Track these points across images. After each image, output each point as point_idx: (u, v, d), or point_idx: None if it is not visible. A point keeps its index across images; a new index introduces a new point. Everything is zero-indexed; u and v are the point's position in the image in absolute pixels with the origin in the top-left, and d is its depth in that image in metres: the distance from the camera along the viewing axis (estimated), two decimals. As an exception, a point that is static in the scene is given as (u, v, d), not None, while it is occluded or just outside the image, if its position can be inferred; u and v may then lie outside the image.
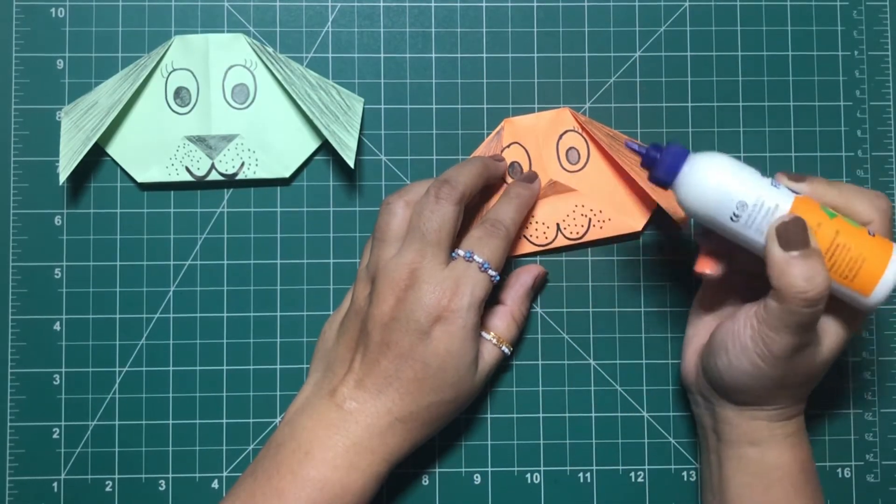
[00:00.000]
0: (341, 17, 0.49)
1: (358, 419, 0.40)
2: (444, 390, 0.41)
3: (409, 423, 0.41)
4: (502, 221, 0.43)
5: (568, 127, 0.48)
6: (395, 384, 0.40)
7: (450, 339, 0.40)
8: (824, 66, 0.49)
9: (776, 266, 0.37)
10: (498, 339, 0.44)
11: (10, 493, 0.47)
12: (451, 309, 0.40)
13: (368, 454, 0.40)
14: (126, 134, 0.47)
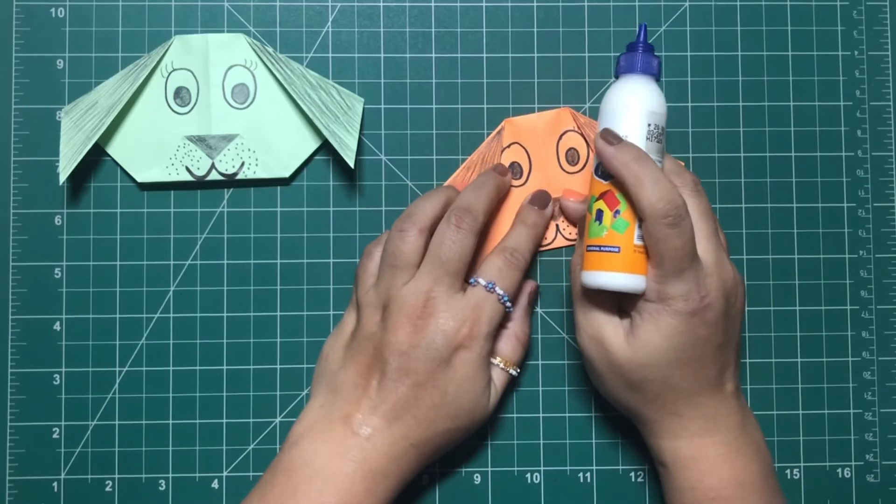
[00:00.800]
0: (341, 17, 0.49)
1: (375, 445, 0.40)
2: (460, 417, 0.42)
3: (424, 448, 0.41)
4: (521, 253, 0.44)
5: (568, 127, 0.48)
6: (412, 411, 0.41)
7: (469, 367, 0.41)
8: (824, 66, 0.49)
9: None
10: (505, 363, 0.45)
11: (10, 493, 0.47)
12: (472, 336, 0.41)
13: (384, 480, 0.40)
14: (126, 134, 0.47)
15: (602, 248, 0.40)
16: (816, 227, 0.49)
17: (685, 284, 0.39)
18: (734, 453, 0.41)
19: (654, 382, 0.40)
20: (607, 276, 0.40)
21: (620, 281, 0.40)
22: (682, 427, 0.41)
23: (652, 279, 0.40)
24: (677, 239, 0.38)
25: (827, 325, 0.48)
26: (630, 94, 0.41)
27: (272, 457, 0.47)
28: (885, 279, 0.49)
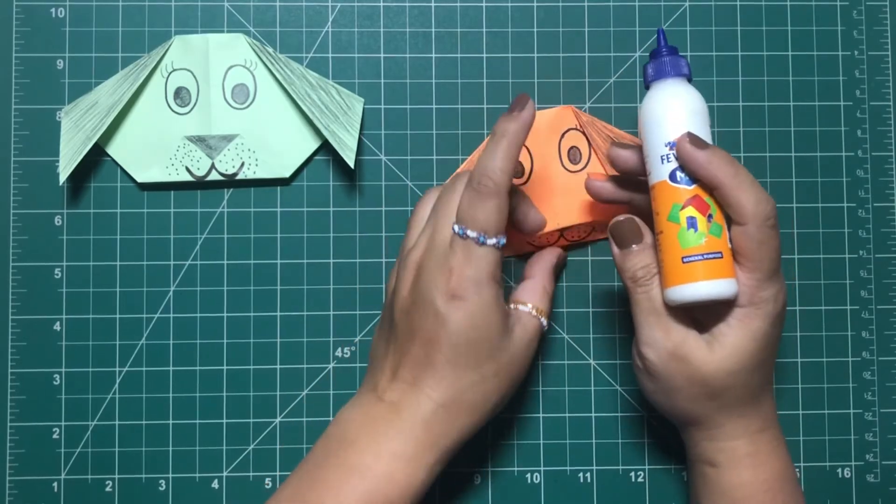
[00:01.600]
0: (341, 17, 0.49)
1: (400, 410, 0.39)
2: (481, 365, 0.39)
3: (453, 408, 0.39)
4: (491, 174, 0.38)
5: (570, 125, 0.48)
6: (428, 370, 0.39)
7: (470, 316, 0.39)
8: (824, 66, 0.49)
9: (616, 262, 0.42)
10: (537, 311, 0.42)
11: (10, 493, 0.47)
12: (461, 285, 0.38)
13: (412, 443, 0.39)
14: (126, 134, 0.47)
15: (706, 256, 0.38)
16: (816, 227, 0.49)
17: (775, 286, 0.39)
18: (780, 446, 0.42)
19: (735, 388, 0.40)
20: (716, 285, 0.38)
21: (727, 288, 0.38)
22: (744, 427, 0.41)
23: (747, 284, 0.39)
24: (776, 240, 0.38)
25: (827, 325, 0.48)
26: (672, 97, 0.40)
27: (272, 457, 0.47)
28: (885, 279, 0.49)
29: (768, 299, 0.38)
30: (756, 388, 0.40)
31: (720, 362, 0.39)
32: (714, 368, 0.39)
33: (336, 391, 0.47)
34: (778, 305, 0.39)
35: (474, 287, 0.38)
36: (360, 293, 0.48)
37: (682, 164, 0.39)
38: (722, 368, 0.39)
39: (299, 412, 0.47)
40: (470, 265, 0.38)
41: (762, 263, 0.38)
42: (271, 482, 0.47)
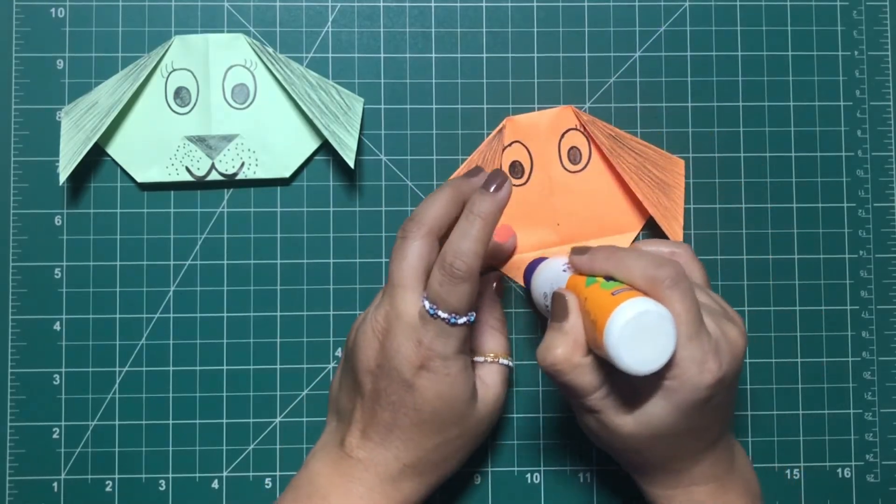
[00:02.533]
0: (341, 17, 0.49)
1: (368, 467, 0.40)
2: (446, 429, 0.40)
3: (419, 467, 0.40)
4: (464, 258, 0.38)
5: (570, 125, 0.48)
6: (395, 432, 0.40)
7: (437, 387, 0.39)
8: (824, 66, 0.49)
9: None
10: (493, 356, 0.43)
11: (10, 493, 0.47)
12: (429, 358, 0.39)
13: (383, 500, 0.40)
14: (126, 134, 0.47)
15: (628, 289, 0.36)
16: (816, 228, 0.49)
17: (697, 351, 0.35)
18: (724, 491, 0.40)
19: (658, 450, 0.39)
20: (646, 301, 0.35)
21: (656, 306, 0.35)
22: (678, 480, 0.40)
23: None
24: (680, 303, 0.35)
25: (827, 325, 0.48)
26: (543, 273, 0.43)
27: (272, 457, 0.47)
28: (885, 279, 0.49)
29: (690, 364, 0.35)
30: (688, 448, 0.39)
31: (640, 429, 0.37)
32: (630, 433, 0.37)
33: (336, 391, 0.47)
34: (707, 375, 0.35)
35: (442, 361, 0.39)
36: (360, 293, 0.48)
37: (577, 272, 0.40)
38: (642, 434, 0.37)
39: (299, 412, 0.47)
40: (439, 342, 0.38)
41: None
42: (271, 482, 0.47)
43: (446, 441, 0.40)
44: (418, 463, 0.40)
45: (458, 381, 0.39)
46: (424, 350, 0.38)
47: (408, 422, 0.39)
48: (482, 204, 0.38)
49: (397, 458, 0.40)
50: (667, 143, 0.48)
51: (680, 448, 0.39)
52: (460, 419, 0.40)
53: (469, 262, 0.38)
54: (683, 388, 0.36)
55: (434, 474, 0.41)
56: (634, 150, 0.47)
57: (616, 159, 0.47)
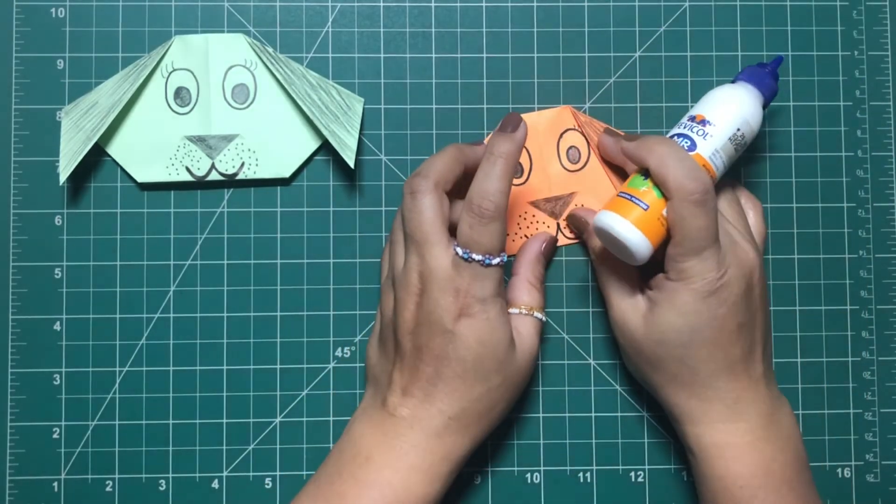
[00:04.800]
0: (341, 17, 0.49)
1: (412, 424, 0.40)
2: (488, 377, 0.41)
3: (463, 419, 0.41)
4: (490, 197, 0.39)
5: (569, 126, 0.48)
6: (439, 385, 0.40)
7: (478, 332, 0.40)
8: (824, 66, 0.49)
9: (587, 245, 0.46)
10: (528, 309, 0.44)
11: (10, 492, 0.47)
12: (468, 304, 0.40)
13: (428, 455, 0.40)
14: (126, 134, 0.47)
15: (633, 199, 0.41)
16: (816, 228, 0.49)
17: (704, 263, 0.39)
18: (762, 441, 0.40)
19: (669, 361, 0.41)
20: (623, 223, 0.40)
21: (631, 235, 0.40)
22: (702, 412, 0.41)
23: (672, 255, 0.40)
24: (701, 218, 0.39)
25: (827, 325, 0.48)
26: (740, 97, 0.43)
27: (272, 457, 0.47)
28: (885, 279, 0.49)
29: (694, 275, 0.40)
30: (701, 368, 0.40)
31: (648, 330, 0.41)
32: (642, 334, 0.41)
33: (336, 391, 0.47)
34: (708, 283, 0.39)
35: (481, 305, 0.40)
36: (360, 293, 0.48)
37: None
38: (649, 336, 0.41)
39: (299, 412, 0.47)
40: (476, 285, 0.40)
41: (685, 238, 0.39)
42: (271, 482, 0.47)
43: (489, 389, 0.41)
44: (462, 414, 0.40)
45: (497, 324, 0.40)
46: (462, 296, 0.40)
47: (451, 373, 0.40)
48: (502, 144, 0.40)
49: (441, 412, 0.40)
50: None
51: (691, 364, 0.41)
52: (501, 365, 0.41)
53: (496, 201, 0.39)
54: (685, 292, 0.40)
55: (478, 426, 0.41)
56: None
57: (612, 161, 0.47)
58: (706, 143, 0.42)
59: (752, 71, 0.44)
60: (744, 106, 0.43)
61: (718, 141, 0.42)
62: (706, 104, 0.43)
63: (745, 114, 0.43)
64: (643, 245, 0.40)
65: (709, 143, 0.42)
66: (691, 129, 0.42)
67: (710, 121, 0.42)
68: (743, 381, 0.41)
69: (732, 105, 0.43)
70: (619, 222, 0.40)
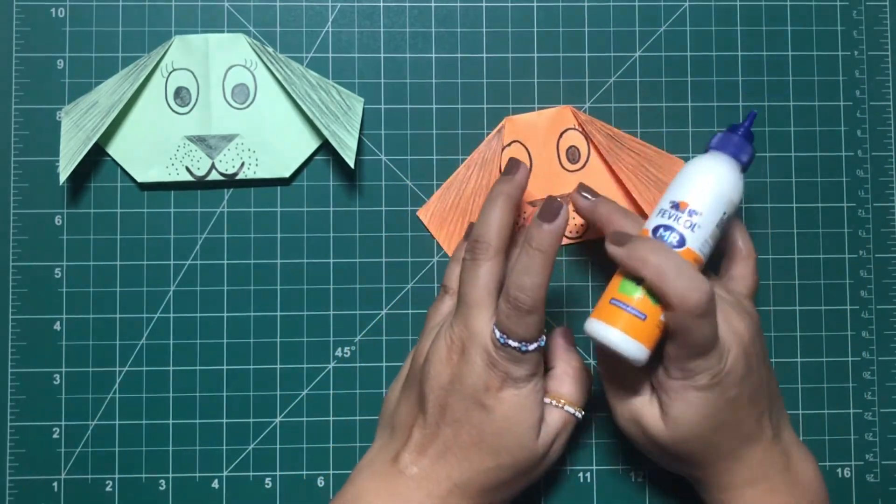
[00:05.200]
0: (341, 17, 0.49)
1: (420, 485, 0.40)
2: (500, 455, 0.40)
3: (468, 489, 0.40)
4: (529, 291, 0.38)
5: (568, 125, 0.48)
6: (453, 449, 0.40)
7: (505, 408, 0.39)
8: (824, 66, 0.49)
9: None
10: (559, 401, 0.42)
11: (10, 493, 0.47)
12: (503, 380, 0.39)
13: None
14: (126, 134, 0.47)
15: (628, 308, 0.38)
16: (816, 228, 0.49)
17: (708, 361, 0.38)
18: (784, 496, 0.41)
19: (696, 452, 0.40)
20: (618, 336, 0.38)
21: (630, 347, 0.38)
22: (728, 481, 0.41)
23: (674, 355, 0.39)
24: (707, 327, 0.37)
25: (827, 325, 0.48)
26: (720, 177, 0.40)
27: (272, 457, 0.47)
28: (885, 279, 0.49)
29: (700, 373, 0.38)
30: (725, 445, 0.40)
31: (671, 432, 0.40)
32: (667, 437, 0.40)
33: (336, 391, 0.47)
34: (714, 376, 0.38)
35: (514, 384, 0.39)
36: (360, 293, 0.48)
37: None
38: (674, 437, 0.40)
39: (299, 412, 0.47)
40: (512, 366, 0.39)
41: (689, 345, 0.38)
42: (271, 482, 0.47)
43: (499, 467, 0.40)
44: (468, 484, 0.40)
45: (526, 404, 0.40)
46: (499, 372, 0.39)
47: (468, 440, 0.40)
48: (540, 238, 0.39)
49: (449, 477, 0.40)
50: (667, 143, 0.48)
51: (715, 444, 0.40)
52: (518, 447, 0.40)
53: (534, 296, 0.38)
54: (693, 389, 0.39)
55: (481, 500, 0.41)
56: (633, 149, 0.47)
57: (613, 159, 0.47)
58: (695, 235, 0.39)
59: (727, 139, 0.41)
60: (725, 185, 0.40)
61: (706, 231, 0.40)
62: (686, 186, 0.40)
63: (729, 194, 0.40)
64: (642, 354, 0.38)
65: (697, 234, 0.39)
66: (677, 221, 0.40)
67: (695, 210, 0.39)
68: (763, 443, 0.41)
69: (715, 187, 0.40)
70: (615, 335, 0.38)
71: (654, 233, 0.40)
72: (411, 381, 0.42)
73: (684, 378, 0.39)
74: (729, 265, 0.44)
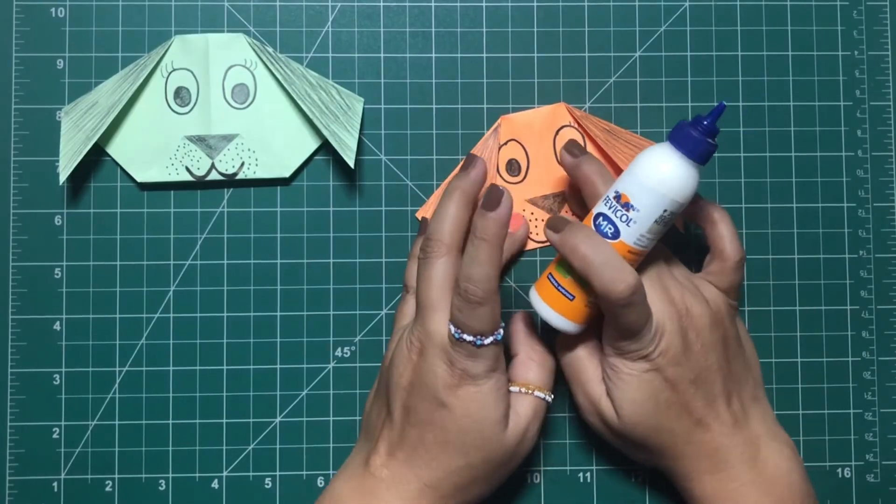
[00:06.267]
0: (341, 17, 0.49)
1: (390, 487, 0.40)
2: (469, 454, 0.40)
3: (440, 489, 0.40)
4: (478, 282, 0.38)
5: (565, 122, 0.48)
6: (419, 450, 0.40)
7: (466, 405, 0.39)
8: (824, 66, 0.49)
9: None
10: (527, 388, 0.42)
11: (10, 492, 0.47)
12: (462, 378, 0.39)
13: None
14: (126, 134, 0.47)
15: (559, 288, 0.41)
16: (816, 227, 0.49)
17: (639, 343, 0.40)
18: (747, 486, 0.40)
19: (650, 436, 0.41)
20: (549, 312, 0.41)
21: (559, 322, 0.41)
22: (690, 468, 0.41)
23: (608, 338, 0.41)
24: (631, 314, 0.39)
25: (827, 325, 0.48)
26: (668, 174, 0.39)
27: (272, 457, 0.47)
28: (885, 279, 0.49)
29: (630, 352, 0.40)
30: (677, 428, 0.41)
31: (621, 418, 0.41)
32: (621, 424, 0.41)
33: (336, 391, 0.47)
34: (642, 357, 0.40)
35: (472, 381, 0.39)
36: (360, 293, 0.48)
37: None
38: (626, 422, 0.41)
39: (299, 412, 0.47)
40: (469, 362, 0.39)
41: (617, 328, 0.39)
42: (271, 482, 0.47)
43: (469, 465, 0.40)
44: (438, 484, 0.40)
45: (488, 400, 0.39)
46: (457, 370, 0.39)
47: (433, 439, 0.39)
48: (484, 227, 0.38)
49: (418, 477, 0.40)
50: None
51: (667, 427, 0.41)
52: (486, 442, 0.40)
53: (483, 286, 0.38)
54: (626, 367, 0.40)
55: (453, 499, 0.41)
56: (630, 142, 0.47)
57: (611, 150, 0.47)
58: (629, 229, 0.39)
59: (684, 134, 0.39)
60: (670, 185, 0.39)
61: (642, 227, 0.39)
62: (631, 179, 0.40)
63: (672, 194, 0.39)
64: (571, 328, 0.41)
65: (633, 229, 0.39)
66: (615, 213, 0.40)
67: (634, 205, 0.39)
68: (715, 431, 0.41)
69: (658, 186, 0.39)
70: (546, 310, 0.41)
71: (595, 220, 0.41)
72: (380, 384, 0.43)
73: (617, 355, 0.40)
74: (709, 262, 0.44)
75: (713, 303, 0.42)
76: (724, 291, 0.43)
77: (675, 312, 0.40)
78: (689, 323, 0.41)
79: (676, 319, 0.40)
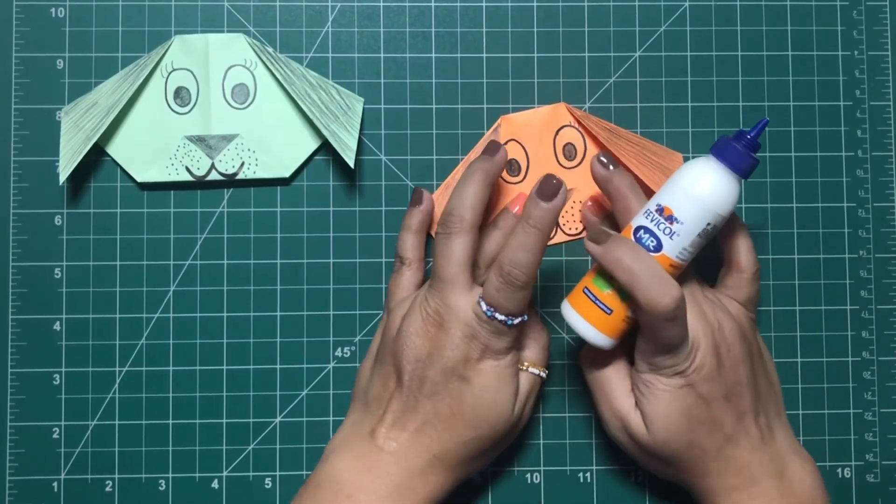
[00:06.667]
0: (341, 17, 0.49)
1: (399, 459, 0.40)
2: (479, 426, 0.40)
3: (448, 461, 0.41)
4: (522, 267, 0.39)
5: (564, 122, 0.48)
6: (432, 421, 0.40)
7: (485, 380, 0.40)
8: (824, 66, 0.49)
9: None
10: (524, 365, 0.43)
11: (10, 492, 0.47)
12: (484, 353, 0.40)
13: (411, 495, 0.40)
14: (126, 134, 0.47)
15: (597, 302, 0.40)
16: (816, 227, 0.49)
17: (675, 358, 0.39)
18: (768, 500, 0.40)
19: (679, 452, 0.41)
20: (585, 326, 0.41)
21: (594, 336, 0.41)
22: (718, 485, 0.41)
23: (643, 353, 0.40)
24: (673, 329, 0.38)
25: (827, 325, 0.48)
26: (712, 188, 0.39)
27: (272, 457, 0.47)
28: (885, 279, 0.49)
29: (665, 367, 0.40)
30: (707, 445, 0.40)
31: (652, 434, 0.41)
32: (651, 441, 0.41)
33: (336, 391, 0.47)
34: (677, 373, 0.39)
35: (494, 356, 0.40)
36: (360, 293, 0.48)
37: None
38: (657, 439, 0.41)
39: (299, 412, 0.47)
40: (494, 339, 0.40)
41: (656, 344, 0.39)
42: (271, 482, 0.47)
43: (479, 437, 0.41)
44: (447, 455, 0.40)
45: (505, 376, 0.41)
46: (480, 345, 0.40)
47: (448, 411, 0.40)
48: (540, 216, 0.40)
49: (428, 449, 0.40)
50: (667, 143, 0.48)
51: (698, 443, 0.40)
52: (498, 417, 0.41)
53: (528, 272, 0.39)
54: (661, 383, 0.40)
55: (459, 469, 0.41)
56: (631, 140, 0.47)
57: (614, 147, 0.47)
58: (673, 242, 0.40)
59: (729, 148, 0.40)
60: (714, 198, 0.39)
61: (686, 240, 0.40)
62: (675, 191, 0.40)
63: (716, 206, 0.39)
64: (605, 343, 0.41)
65: (676, 242, 0.40)
66: (658, 226, 0.40)
67: (678, 218, 0.39)
68: (743, 447, 0.41)
69: (702, 199, 0.39)
70: (582, 324, 0.41)
71: (636, 233, 0.40)
72: (384, 355, 0.42)
73: (651, 371, 0.40)
74: (725, 275, 0.44)
75: (737, 317, 0.42)
76: (743, 304, 0.43)
77: (708, 328, 0.40)
78: (721, 338, 0.40)
79: (710, 335, 0.40)
